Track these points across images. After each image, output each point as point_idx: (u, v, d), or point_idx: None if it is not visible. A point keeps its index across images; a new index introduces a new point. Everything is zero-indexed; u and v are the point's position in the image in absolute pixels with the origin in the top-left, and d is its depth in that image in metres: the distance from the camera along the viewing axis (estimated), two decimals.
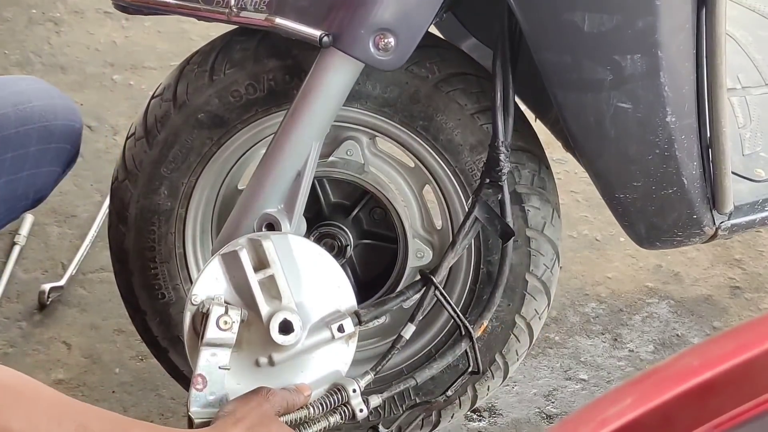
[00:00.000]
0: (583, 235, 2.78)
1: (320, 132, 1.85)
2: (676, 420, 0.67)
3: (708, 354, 0.69)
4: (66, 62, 3.27)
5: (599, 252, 2.73)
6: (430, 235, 2.09)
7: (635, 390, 0.70)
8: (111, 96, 3.16)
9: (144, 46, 3.34)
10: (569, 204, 2.83)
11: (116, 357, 2.43)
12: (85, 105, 3.10)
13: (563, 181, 2.85)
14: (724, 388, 0.67)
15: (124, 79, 3.22)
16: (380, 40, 1.74)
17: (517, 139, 1.95)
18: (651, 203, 1.88)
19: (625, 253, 2.71)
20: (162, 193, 2.03)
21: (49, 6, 3.48)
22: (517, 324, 2.04)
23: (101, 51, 3.32)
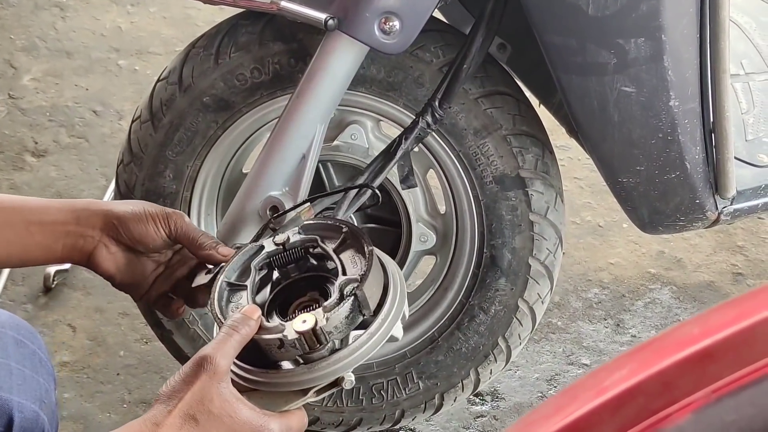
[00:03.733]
0: (586, 222, 2.79)
1: (325, 115, 1.86)
2: (675, 386, 0.68)
3: (708, 322, 0.70)
4: (71, 47, 3.28)
5: (602, 238, 2.74)
6: (433, 219, 2.10)
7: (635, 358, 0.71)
8: (116, 81, 3.16)
9: (149, 32, 3.35)
10: (572, 190, 2.84)
11: (121, 340, 2.44)
12: (90, 90, 3.11)
13: (567, 168, 2.86)
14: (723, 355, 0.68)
15: (129, 65, 3.23)
16: (385, 24, 1.75)
17: (521, 124, 1.96)
18: (654, 188, 1.88)
19: (627, 239, 2.72)
20: (167, 176, 2.04)
21: None
22: (520, 308, 2.05)
23: (106, 36, 3.33)
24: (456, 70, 1.86)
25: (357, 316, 1.32)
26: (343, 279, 1.35)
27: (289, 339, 1.29)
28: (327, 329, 1.29)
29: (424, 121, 1.87)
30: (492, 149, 1.96)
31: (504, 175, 1.97)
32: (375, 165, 1.89)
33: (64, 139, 2.96)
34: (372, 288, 1.33)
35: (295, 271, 1.45)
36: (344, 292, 1.33)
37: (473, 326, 2.07)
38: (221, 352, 1.27)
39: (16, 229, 1.45)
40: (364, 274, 1.33)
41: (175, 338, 2.13)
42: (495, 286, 2.04)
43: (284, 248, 1.44)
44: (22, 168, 2.86)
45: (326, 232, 1.45)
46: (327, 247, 1.42)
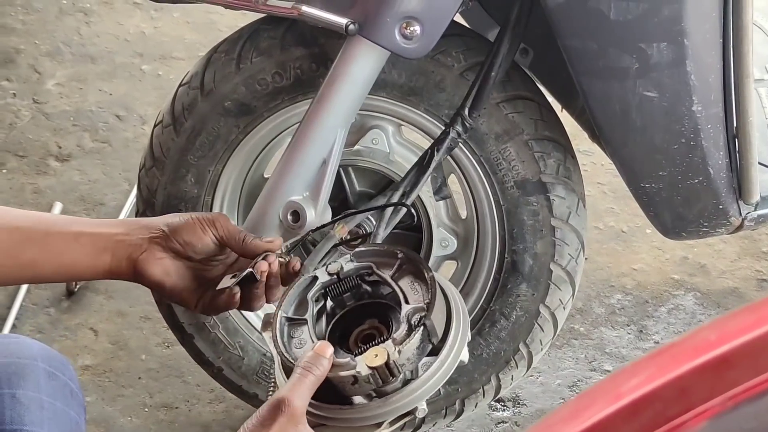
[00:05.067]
0: (609, 227, 2.77)
1: (346, 120, 1.86)
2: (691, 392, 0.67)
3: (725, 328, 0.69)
4: (95, 52, 3.29)
5: (625, 243, 2.73)
6: (454, 224, 2.09)
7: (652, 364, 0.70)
8: (140, 86, 3.17)
9: (172, 37, 3.35)
10: (595, 195, 2.83)
11: (143, 343, 2.45)
12: (114, 95, 3.12)
13: (589, 173, 2.85)
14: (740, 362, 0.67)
15: (152, 70, 3.24)
16: (406, 28, 1.75)
17: (543, 129, 1.95)
18: (676, 193, 1.87)
19: (651, 244, 2.70)
20: (189, 180, 2.04)
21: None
22: (542, 313, 2.04)
23: (130, 41, 3.34)
24: (484, 78, 1.85)
25: (427, 346, 1.32)
26: (409, 308, 1.34)
27: (362, 375, 1.29)
28: (400, 362, 1.29)
29: (455, 131, 1.86)
30: (514, 154, 1.95)
31: (525, 180, 1.96)
32: (408, 179, 1.88)
33: (87, 143, 2.97)
34: (438, 315, 1.33)
35: (351, 299, 1.44)
36: (412, 322, 1.32)
37: (494, 332, 2.06)
38: (297, 393, 1.28)
39: (66, 238, 1.47)
40: (430, 302, 1.33)
41: (196, 342, 2.14)
42: (516, 291, 2.03)
43: (339, 278, 1.43)
44: (45, 172, 2.87)
45: (380, 258, 1.44)
46: (384, 274, 1.41)
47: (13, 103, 3.09)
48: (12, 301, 2.50)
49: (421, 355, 1.31)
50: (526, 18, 1.84)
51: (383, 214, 1.84)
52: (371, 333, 1.38)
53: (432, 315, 1.31)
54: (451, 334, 1.33)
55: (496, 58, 1.85)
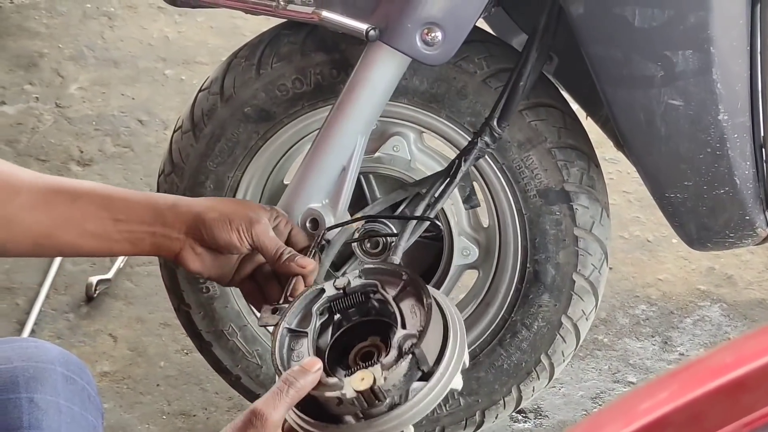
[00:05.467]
0: (634, 236, 2.74)
1: (366, 126, 1.84)
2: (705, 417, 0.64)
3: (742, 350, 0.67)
4: (119, 57, 3.29)
5: (651, 253, 2.69)
6: (476, 232, 2.07)
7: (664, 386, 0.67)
8: (162, 91, 3.17)
9: (196, 42, 3.35)
10: (621, 204, 2.79)
11: (161, 350, 2.44)
12: (136, 99, 3.11)
13: (615, 181, 2.82)
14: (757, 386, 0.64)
15: (175, 74, 3.23)
16: (427, 35, 1.73)
17: (566, 137, 1.93)
18: (702, 203, 1.84)
19: (677, 254, 2.67)
20: (208, 186, 2.03)
21: (103, 0, 3.49)
22: (564, 324, 2.01)
23: (154, 46, 3.33)
24: (513, 87, 1.82)
25: (415, 373, 1.32)
26: (402, 334, 1.35)
27: (347, 397, 1.29)
28: (385, 387, 1.29)
29: (483, 141, 1.83)
30: (536, 162, 1.93)
31: (548, 188, 1.94)
32: (434, 189, 1.85)
33: (109, 148, 2.97)
34: (430, 342, 1.33)
35: (357, 314, 1.45)
36: (402, 349, 1.32)
37: (515, 342, 2.04)
38: (273, 406, 1.27)
39: (104, 224, 1.48)
40: (423, 330, 1.32)
41: (214, 350, 2.12)
42: (538, 301, 2.01)
43: (345, 293, 1.44)
44: (67, 177, 2.86)
45: (386, 277, 1.44)
46: (387, 294, 1.41)
47: (35, 107, 3.09)
48: (31, 306, 2.50)
49: (410, 381, 1.31)
50: (555, 26, 1.82)
51: (406, 226, 1.81)
52: (371, 350, 1.38)
53: (423, 343, 1.31)
54: (443, 361, 1.33)
55: (524, 68, 1.82)
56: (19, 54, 3.29)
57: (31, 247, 1.49)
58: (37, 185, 1.47)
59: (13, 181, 1.46)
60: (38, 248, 1.50)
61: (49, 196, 1.47)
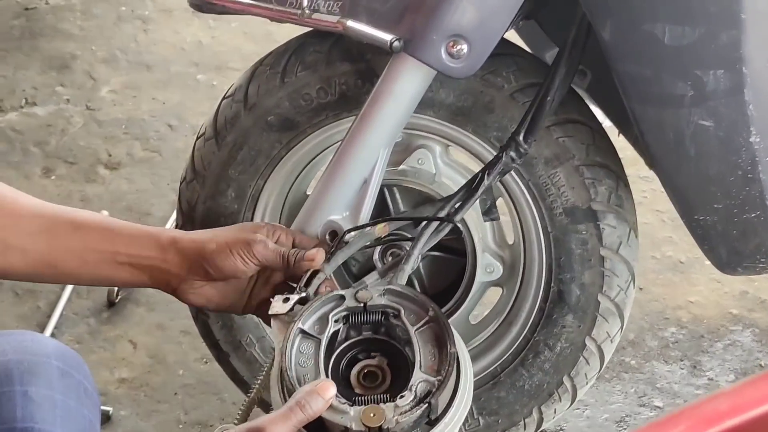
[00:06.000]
0: (666, 257, 2.69)
1: (389, 139, 1.81)
2: None
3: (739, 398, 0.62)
4: (151, 60, 3.28)
5: (683, 275, 2.64)
6: (501, 249, 2.03)
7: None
8: (194, 96, 3.15)
9: (229, 47, 3.33)
10: (654, 223, 2.74)
11: (181, 358, 2.42)
12: (167, 104, 3.10)
13: (649, 200, 2.76)
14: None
15: (207, 80, 3.22)
16: (452, 47, 1.69)
17: (594, 154, 1.89)
18: (732, 227, 1.79)
19: (709, 277, 2.61)
20: (229, 195, 2.00)
21: (138, 4, 3.49)
22: (587, 346, 1.97)
23: (187, 50, 3.32)
24: (540, 103, 1.78)
25: (424, 419, 1.31)
26: (422, 378, 1.32)
27: (353, 430, 1.28)
28: (393, 430, 1.28)
29: (508, 156, 1.79)
30: (563, 180, 1.89)
31: (575, 207, 1.90)
32: (456, 199, 1.82)
33: (137, 152, 2.96)
34: (444, 393, 1.32)
35: (369, 329, 1.43)
36: (418, 394, 1.30)
37: (538, 363, 1.99)
38: (279, 426, 1.25)
39: (104, 255, 1.48)
40: (443, 380, 1.31)
41: (231, 360, 2.10)
42: (562, 322, 1.97)
43: (365, 308, 1.42)
44: (94, 180, 2.86)
45: (411, 304, 1.42)
46: (408, 324, 1.39)
47: (66, 108, 3.09)
48: (52, 309, 2.49)
49: (416, 427, 1.30)
50: (584, 41, 1.78)
51: (425, 228, 1.78)
52: (376, 372, 1.36)
53: (440, 394, 1.30)
54: (450, 411, 1.32)
55: (552, 83, 1.78)
56: (53, 55, 3.29)
57: (29, 274, 1.49)
58: (39, 213, 1.47)
59: (16, 207, 1.47)
60: (37, 275, 1.50)
61: (50, 225, 1.47)
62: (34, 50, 3.31)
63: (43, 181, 2.85)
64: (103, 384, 2.33)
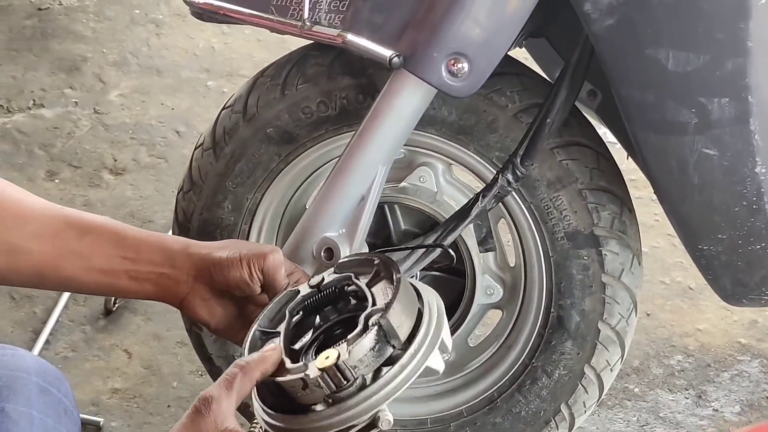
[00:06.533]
0: (676, 282, 2.63)
1: (388, 156, 1.77)
2: None
3: None
4: (162, 65, 3.25)
5: (691, 301, 2.58)
6: (502, 271, 1.99)
7: None
8: (203, 102, 3.13)
9: (242, 54, 3.30)
10: (665, 248, 2.69)
11: (176, 370, 2.39)
12: (176, 110, 3.08)
13: (660, 223, 2.71)
14: None
15: (218, 86, 3.19)
16: (453, 65, 1.65)
17: (598, 179, 1.84)
18: (737, 258, 1.75)
19: (718, 304, 2.54)
20: (226, 207, 1.97)
21: (152, 7, 3.46)
22: (586, 374, 1.93)
23: (199, 56, 3.30)
24: (540, 125, 1.74)
25: (385, 347, 1.22)
26: (369, 310, 1.26)
27: (311, 377, 1.20)
28: (351, 363, 1.20)
29: (505, 179, 1.75)
30: (566, 203, 1.85)
31: (577, 231, 1.86)
32: (448, 224, 1.79)
33: (143, 158, 2.93)
34: (401, 317, 1.24)
35: (334, 313, 1.37)
36: (369, 323, 1.23)
37: (535, 389, 1.96)
38: (222, 390, 1.19)
39: (111, 260, 1.43)
40: (390, 301, 1.24)
41: None
42: (561, 348, 1.93)
43: (319, 289, 1.36)
44: (98, 185, 2.83)
45: (361, 268, 1.37)
46: (360, 282, 1.33)
47: (73, 111, 3.07)
48: (48, 315, 2.47)
49: (379, 358, 1.21)
50: (588, 62, 1.73)
51: (410, 255, 1.75)
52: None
53: (391, 315, 1.22)
54: (416, 338, 1.24)
55: (553, 104, 1.74)
56: (63, 57, 3.27)
57: (33, 277, 1.44)
58: (47, 215, 1.44)
59: (23, 208, 1.43)
60: (41, 279, 1.45)
61: (58, 227, 1.43)
62: (45, 51, 3.29)
63: (46, 184, 2.83)
64: (96, 394, 2.30)
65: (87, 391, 2.30)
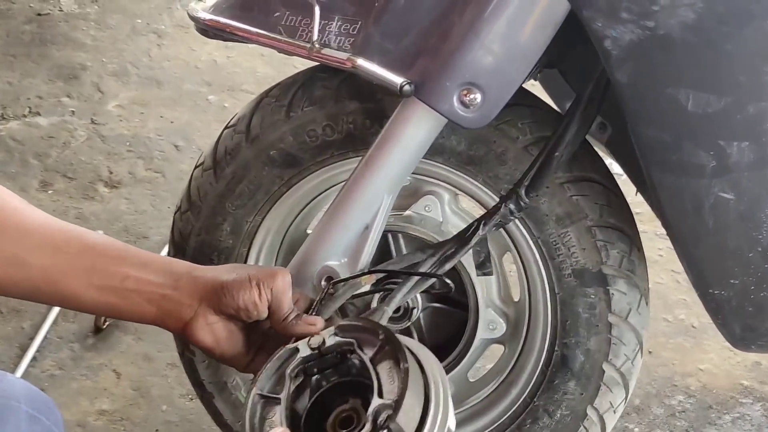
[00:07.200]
0: (679, 320, 2.59)
1: (394, 185, 1.73)
2: None
3: None
4: (163, 77, 3.21)
5: (694, 340, 2.54)
6: (506, 306, 1.95)
7: None
8: (203, 117, 3.09)
9: (244, 68, 3.26)
10: (668, 284, 2.64)
11: (166, 393, 2.34)
12: (175, 123, 3.04)
13: (665, 259, 2.66)
14: None
15: (219, 101, 3.15)
16: (465, 95, 1.60)
17: (608, 216, 1.80)
18: (748, 304, 1.71)
19: (722, 344, 2.48)
20: (224, 229, 1.93)
21: (154, 17, 3.42)
22: (589, 416, 1.89)
23: (200, 69, 3.26)
24: (547, 157, 1.69)
25: None
26: (377, 404, 1.24)
27: None
28: None
29: (507, 208, 1.71)
30: (574, 240, 1.81)
31: (584, 269, 1.81)
32: (446, 249, 1.73)
33: (140, 171, 2.88)
34: (410, 413, 1.23)
35: (335, 374, 1.35)
36: (378, 423, 1.22)
37: (535, 429, 1.92)
38: None
39: (112, 278, 1.39)
40: (398, 400, 1.22)
41: (216, 402, 2.03)
42: (563, 388, 1.89)
43: (320, 353, 1.34)
44: (92, 198, 2.78)
45: (364, 335, 1.34)
46: (364, 355, 1.31)
47: (70, 121, 3.03)
48: (36, 331, 2.42)
49: None
50: (602, 97, 1.68)
51: (406, 280, 1.70)
52: (351, 416, 1.28)
53: (401, 414, 1.21)
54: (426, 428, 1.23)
55: (563, 137, 1.69)
56: (61, 64, 3.23)
57: (30, 291, 1.40)
58: (48, 228, 1.40)
59: (24, 220, 1.39)
60: (37, 293, 1.41)
61: (59, 241, 1.39)
62: (43, 58, 3.24)
63: (39, 195, 2.78)
64: (82, 415, 2.25)
65: (73, 412, 2.24)
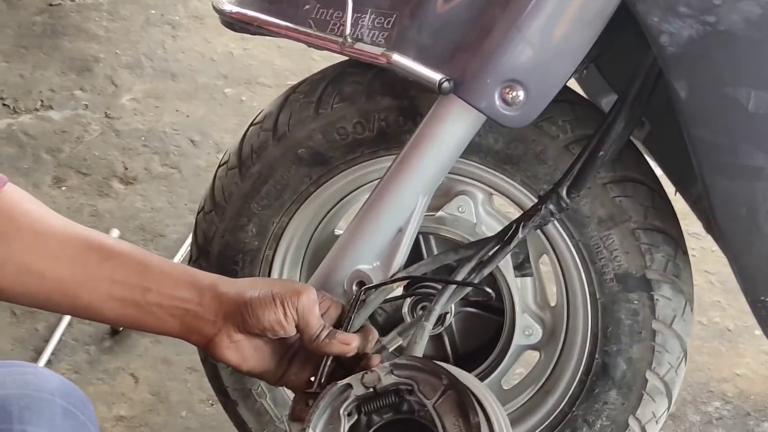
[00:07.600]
0: (713, 323, 2.53)
1: (429, 186, 1.66)
2: None
3: None
4: (178, 69, 3.17)
5: (730, 344, 2.48)
6: (542, 311, 1.89)
7: None
8: (219, 110, 3.04)
9: (261, 61, 3.21)
10: (702, 286, 2.58)
11: (185, 398, 2.28)
12: (191, 117, 2.99)
13: (697, 259, 2.60)
14: None
15: (235, 94, 3.10)
16: (508, 93, 1.53)
17: (653, 218, 1.74)
18: None
19: (759, 348, 2.46)
20: (249, 230, 1.87)
21: (169, 8, 3.38)
22: (630, 426, 1.84)
23: (216, 61, 3.21)
24: (590, 155, 1.62)
25: None
26: None
27: None
28: None
29: (547, 209, 1.63)
30: (617, 243, 1.75)
31: (627, 273, 1.75)
32: (484, 252, 1.66)
33: (155, 167, 2.84)
34: None
35: (389, 411, 1.33)
36: None
37: None
38: None
39: (133, 291, 1.34)
40: None
41: (239, 410, 1.97)
42: (604, 398, 1.83)
43: (375, 392, 1.31)
44: (107, 194, 2.74)
45: (422, 375, 1.31)
46: (426, 400, 1.28)
47: (83, 115, 2.98)
48: (51, 333, 2.37)
49: None
50: (649, 93, 1.61)
51: (444, 290, 1.65)
52: None
53: None
54: None
55: (607, 135, 1.62)
56: (74, 56, 3.18)
57: (45, 301, 1.35)
58: (67, 235, 1.34)
59: (42, 226, 1.33)
60: (51, 304, 1.36)
61: (77, 250, 1.33)
62: (55, 50, 3.19)
63: (52, 192, 2.73)
64: (100, 421, 2.17)
65: None
